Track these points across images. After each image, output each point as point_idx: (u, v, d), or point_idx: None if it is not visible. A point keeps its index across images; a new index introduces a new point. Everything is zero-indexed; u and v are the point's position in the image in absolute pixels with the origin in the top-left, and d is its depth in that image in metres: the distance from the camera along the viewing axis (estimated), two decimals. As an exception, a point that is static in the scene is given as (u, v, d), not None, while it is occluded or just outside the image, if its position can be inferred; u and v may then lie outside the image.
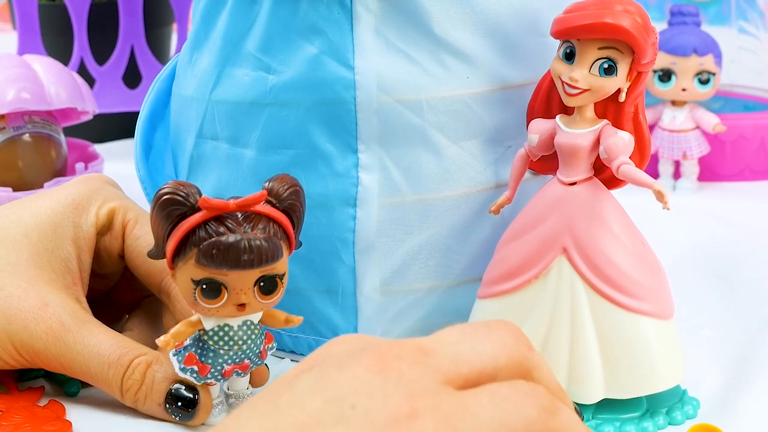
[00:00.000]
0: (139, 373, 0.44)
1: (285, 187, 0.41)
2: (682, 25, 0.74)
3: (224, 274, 0.40)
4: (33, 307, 0.45)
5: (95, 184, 0.49)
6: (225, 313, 0.41)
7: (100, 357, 0.44)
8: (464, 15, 0.47)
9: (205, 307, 0.41)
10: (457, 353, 0.30)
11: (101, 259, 0.49)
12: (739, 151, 0.76)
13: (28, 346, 0.44)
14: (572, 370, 0.43)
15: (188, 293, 0.41)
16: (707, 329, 0.53)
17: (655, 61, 0.44)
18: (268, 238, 0.40)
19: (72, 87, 0.67)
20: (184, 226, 0.40)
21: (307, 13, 0.47)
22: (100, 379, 0.44)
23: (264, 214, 0.41)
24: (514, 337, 0.32)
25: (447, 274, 0.49)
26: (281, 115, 0.47)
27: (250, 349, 0.43)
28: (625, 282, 0.43)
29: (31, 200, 0.48)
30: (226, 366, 0.43)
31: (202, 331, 0.42)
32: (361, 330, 0.49)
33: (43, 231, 0.46)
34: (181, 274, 0.41)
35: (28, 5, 0.82)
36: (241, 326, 0.42)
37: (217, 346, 0.42)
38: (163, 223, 0.40)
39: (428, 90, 0.47)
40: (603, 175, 0.45)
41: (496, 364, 0.31)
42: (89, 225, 0.47)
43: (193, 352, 0.43)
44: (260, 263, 0.40)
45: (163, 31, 0.89)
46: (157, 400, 0.44)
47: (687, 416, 0.44)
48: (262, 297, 0.41)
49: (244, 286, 0.41)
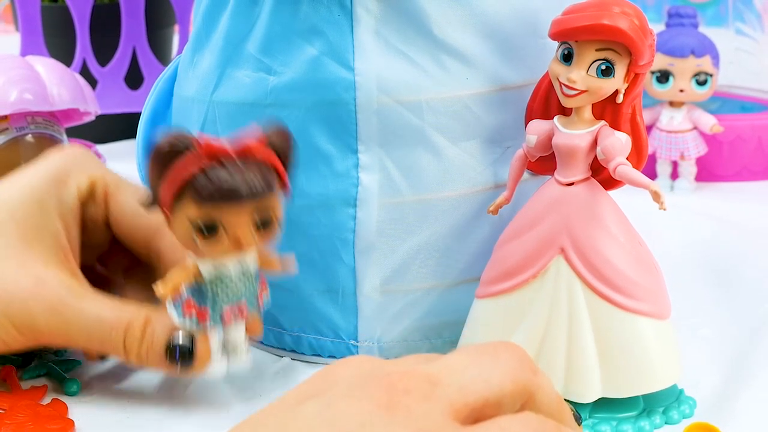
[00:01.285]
0: (139, 330, 0.44)
1: (278, 135, 0.42)
2: (680, 27, 0.74)
3: (220, 211, 0.41)
4: (29, 285, 0.44)
5: (71, 156, 0.48)
6: (223, 251, 0.42)
7: (101, 323, 0.44)
8: (463, 17, 0.47)
9: (203, 246, 0.41)
10: (465, 382, 0.30)
11: (88, 230, 0.48)
12: (736, 152, 0.76)
13: (29, 325, 0.44)
14: (569, 369, 0.43)
15: (186, 235, 0.41)
16: (704, 329, 0.53)
17: (652, 62, 0.44)
18: (262, 175, 0.41)
19: (74, 88, 0.68)
20: (183, 166, 0.40)
21: (307, 14, 0.47)
22: (105, 343, 0.45)
23: (260, 158, 0.41)
24: (519, 361, 0.32)
25: (446, 274, 0.49)
26: (282, 116, 0.47)
27: (248, 291, 0.43)
28: (622, 282, 0.43)
29: (10, 181, 0.47)
30: (224, 306, 0.43)
31: (200, 277, 0.43)
32: (361, 329, 0.49)
33: (27, 209, 0.46)
34: (178, 217, 0.41)
35: (30, 7, 0.82)
36: (237, 269, 0.43)
37: (214, 289, 0.42)
38: (158, 166, 0.41)
39: (428, 91, 0.47)
40: (600, 176, 0.45)
41: (502, 391, 0.31)
42: (72, 197, 0.47)
43: (192, 299, 0.43)
44: (255, 196, 0.41)
45: (164, 32, 0.89)
46: (158, 352, 0.44)
47: (684, 415, 0.44)
48: (258, 233, 0.42)
49: (241, 222, 0.41)
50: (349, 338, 0.50)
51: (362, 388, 0.30)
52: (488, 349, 0.32)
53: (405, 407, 0.29)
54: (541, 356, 0.44)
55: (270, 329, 0.52)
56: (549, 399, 0.32)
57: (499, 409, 0.31)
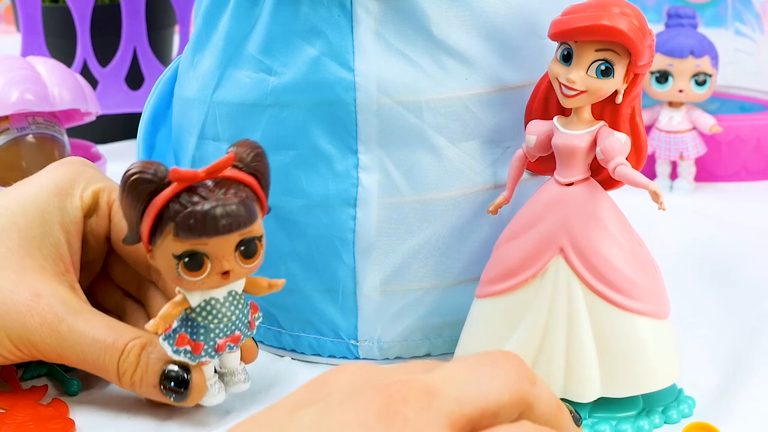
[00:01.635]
0: (134, 356, 0.44)
1: (248, 151, 0.41)
2: (679, 27, 0.74)
3: (204, 243, 0.40)
4: (26, 299, 0.44)
5: (75, 167, 0.48)
6: (210, 283, 0.41)
7: (95, 343, 0.44)
8: (463, 17, 0.47)
9: (189, 281, 0.41)
10: (463, 394, 0.30)
11: (88, 243, 0.48)
12: (735, 152, 0.76)
13: (24, 339, 0.44)
14: (569, 369, 0.43)
15: (171, 270, 0.41)
16: (703, 328, 0.53)
17: (652, 63, 0.44)
18: (241, 201, 0.40)
19: (75, 88, 0.68)
20: (157, 202, 0.40)
21: (307, 15, 0.47)
22: (98, 365, 0.44)
23: (233, 178, 0.41)
24: (517, 372, 0.32)
25: (446, 274, 0.49)
26: (282, 117, 0.48)
27: (239, 320, 0.43)
28: (621, 282, 0.43)
29: (14, 189, 0.47)
30: (218, 340, 0.42)
31: (189, 309, 0.42)
32: (361, 329, 0.49)
33: (30, 218, 0.46)
34: (160, 252, 0.40)
35: (31, 7, 0.82)
36: (227, 297, 0.42)
37: (206, 321, 0.42)
38: (135, 203, 0.40)
39: (427, 91, 0.47)
40: (600, 176, 0.45)
41: (500, 402, 0.31)
42: (75, 209, 0.47)
43: (184, 332, 0.42)
44: (238, 226, 0.40)
45: (165, 33, 0.89)
46: (152, 382, 0.43)
47: (683, 415, 0.44)
48: (244, 262, 0.41)
49: (225, 252, 0.40)
50: (349, 338, 0.50)
51: (360, 397, 0.30)
52: (487, 360, 0.32)
53: (402, 417, 0.29)
54: (541, 356, 0.44)
55: (270, 329, 0.52)
56: (547, 408, 0.32)
57: (496, 419, 0.31)
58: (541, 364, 0.44)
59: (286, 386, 0.48)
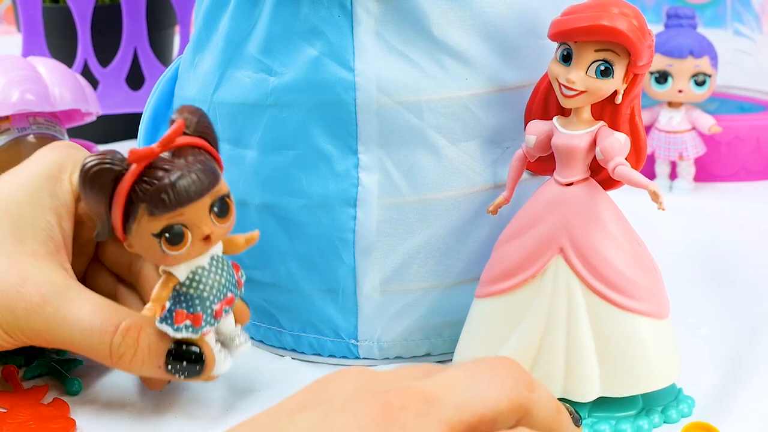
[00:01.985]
0: (132, 339, 0.43)
1: (191, 116, 0.41)
2: (679, 28, 0.74)
3: (180, 214, 0.40)
4: (14, 283, 0.44)
5: (64, 151, 0.48)
6: (194, 252, 0.41)
7: (82, 324, 0.43)
8: (463, 17, 0.47)
9: (174, 254, 0.40)
10: (461, 400, 0.30)
11: (84, 224, 0.48)
12: (734, 152, 0.76)
13: (14, 325, 0.44)
14: (569, 368, 0.44)
15: (153, 250, 0.40)
16: (703, 328, 0.53)
17: (651, 63, 0.44)
18: (203, 164, 0.40)
19: (76, 88, 0.68)
20: (123, 187, 0.40)
21: (307, 15, 0.47)
22: (85, 346, 0.44)
23: (187, 144, 0.41)
24: (516, 379, 0.32)
25: (446, 274, 0.49)
26: (282, 117, 0.48)
27: (228, 281, 0.43)
28: (621, 281, 0.43)
29: (4, 177, 0.47)
30: (214, 306, 0.42)
31: (178, 285, 0.42)
32: (361, 328, 0.50)
33: (21, 205, 0.46)
34: (138, 236, 0.40)
35: (32, 8, 0.82)
36: (211, 263, 0.42)
37: (198, 290, 0.42)
38: (100, 195, 0.40)
39: (427, 92, 0.47)
40: (599, 176, 0.46)
41: (498, 409, 0.31)
42: (65, 192, 0.47)
43: (180, 308, 0.42)
44: (208, 188, 0.40)
45: (165, 33, 0.89)
46: (156, 363, 0.43)
47: (682, 414, 0.44)
48: (220, 221, 0.41)
49: (201, 217, 0.40)
50: (350, 338, 0.50)
51: (359, 402, 0.30)
52: (485, 366, 0.32)
53: (401, 424, 0.29)
54: (540, 356, 0.44)
55: (270, 329, 0.52)
56: (545, 413, 0.32)
57: (494, 425, 0.31)
58: (540, 363, 0.44)
59: (287, 386, 0.48)
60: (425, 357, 0.51)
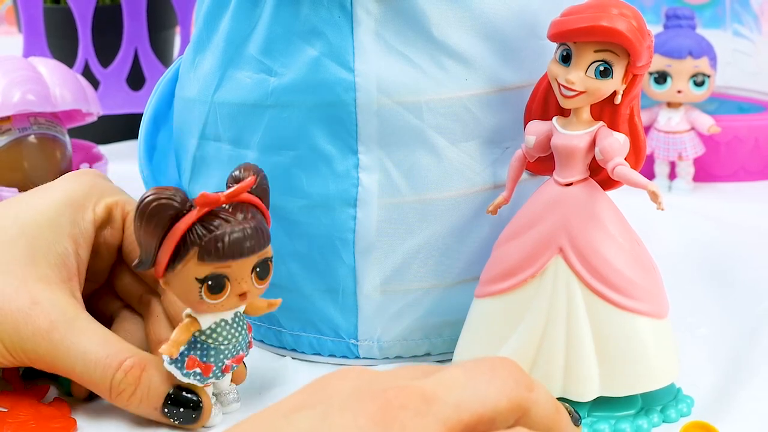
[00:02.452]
0: (133, 377, 0.43)
1: (256, 176, 0.42)
2: (678, 28, 0.74)
3: (228, 266, 0.41)
4: (23, 306, 0.44)
5: (89, 180, 0.48)
6: (228, 305, 0.42)
7: (86, 356, 0.44)
8: (463, 18, 0.47)
9: (210, 303, 0.41)
10: (460, 400, 0.31)
11: (100, 254, 0.48)
12: (733, 152, 0.76)
13: (18, 346, 0.44)
14: (568, 368, 0.44)
15: (191, 294, 0.41)
16: (702, 328, 0.53)
17: (650, 63, 0.44)
18: (258, 224, 0.41)
19: (77, 89, 0.68)
20: (181, 227, 0.40)
21: (308, 16, 0.47)
22: (85, 378, 0.44)
23: (247, 201, 0.42)
24: (515, 379, 0.32)
25: (446, 274, 0.49)
26: (282, 117, 0.48)
27: (243, 339, 0.43)
28: (620, 281, 0.43)
29: (26, 197, 0.48)
30: (226, 361, 0.43)
31: (198, 332, 0.42)
32: (361, 328, 0.50)
33: (39, 228, 0.46)
34: (180, 277, 0.41)
35: (33, 8, 0.82)
36: (234, 318, 0.43)
37: (216, 342, 0.42)
38: (155, 230, 0.40)
39: (427, 92, 0.47)
40: (599, 176, 0.46)
41: (496, 409, 0.31)
42: (87, 222, 0.47)
43: (194, 355, 0.43)
44: (259, 249, 0.41)
45: (166, 33, 0.89)
46: (154, 405, 0.43)
47: (681, 414, 0.45)
48: (258, 283, 0.42)
49: (244, 274, 0.41)
50: (350, 337, 0.50)
51: (358, 402, 0.30)
52: (484, 366, 0.32)
53: (400, 423, 0.29)
54: (540, 355, 0.44)
55: (270, 328, 0.52)
56: (544, 414, 0.32)
57: (493, 425, 0.31)
58: (540, 363, 0.44)
59: (286, 385, 0.48)
60: (425, 357, 0.51)
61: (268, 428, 0.30)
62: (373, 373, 0.32)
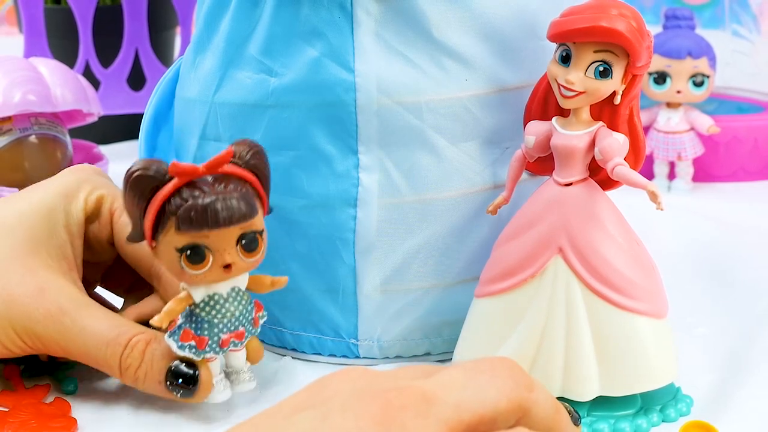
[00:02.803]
0: (138, 352, 0.44)
1: (247, 149, 0.42)
2: (677, 29, 0.74)
3: (205, 236, 0.41)
4: (32, 291, 0.45)
5: (84, 174, 0.49)
6: (212, 277, 0.42)
7: (97, 337, 0.44)
8: (463, 19, 0.47)
9: (192, 273, 0.41)
10: (461, 400, 0.31)
11: (92, 247, 0.49)
12: (732, 152, 0.77)
13: (29, 330, 0.45)
14: (568, 367, 0.44)
15: (174, 264, 0.41)
16: (701, 327, 0.53)
17: (649, 64, 0.44)
18: (241, 195, 0.41)
19: (77, 89, 0.68)
20: (159, 197, 0.40)
21: (308, 16, 0.47)
22: (99, 359, 0.45)
23: (233, 174, 0.41)
24: (515, 379, 0.32)
25: (446, 274, 0.49)
26: (283, 117, 0.48)
27: (243, 316, 0.43)
28: (619, 281, 0.43)
29: (25, 191, 0.48)
30: (222, 335, 0.43)
31: (193, 305, 0.43)
32: (361, 328, 0.50)
33: (37, 218, 0.47)
34: (163, 246, 0.41)
35: (34, 9, 0.82)
36: (230, 293, 0.43)
37: (209, 315, 0.42)
38: (137, 200, 0.41)
39: (427, 92, 0.47)
40: (598, 176, 0.46)
41: (497, 409, 0.31)
42: (78, 211, 0.48)
43: (188, 328, 0.43)
44: (239, 219, 0.41)
45: (166, 34, 0.90)
46: (157, 378, 0.44)
47: (680, 413, 0.45)
48: (245, 255, 0.42)
49: (226, 245, 0.41)
50: (350, 337, 0.50)
51: (358, 402, 0.30)
52: (485, 366, 0.32)
53: (400, 424, 0.29)
54: (540, 355, 0.44)
55: (271, 328, 0.52)
56: (544, 413, 0.33)
57: (494, 425, 0.31)
58: (540, 363, 0.44)
59: (287, 385, 0.48)
60: (425, 356, 0.51)
61: (270, 429, 0.30)
62: (374, 374, 0.32)
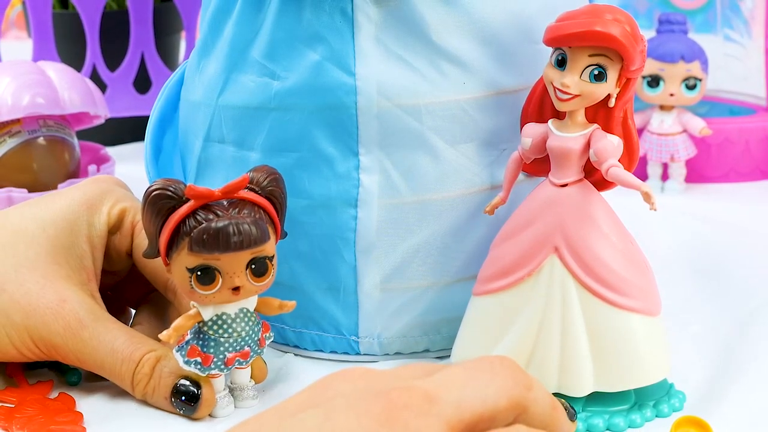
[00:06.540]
0: (149, 368, 0.45)
1: (265, 176, 0.43)
2: (670, 33, 0.74)
3: (216, 259, 0.41)
4: (51, 302, 0.45)
5: (107, 185, 0.49)
6: (221, 298, 0.42)
7: (114, 353, 0.45)
8: (461, 23, 0.48)
9: (201, 293, 0.42)
10: (462, 399, 0.31)
11: (111, 257, 0.49)
12: (724, 154, 0.77)
13: (47, 341, 0.45)
14: (563, 364, 0.44)
15: (185, 283, 0.42)
16: (694, 325, 0.53)
17: (643, 67, 0.44)
18: (254, 221, 0.42)
19: (85, 92, 0.68)
20: (174, 217, 0.41)
21: (310, 21, 0.47)
22: (114, 373, 0.45)
23: (248, 199, 0.42)
24: (515, 378, 0.32)
25: (444, 272, 0.50)
26: (285, 120, 0.48)
27: (249, 337, 0.44)
28: (614, 280, 0.44)
29: (46, 199, 0.48)
30: (228, 354, 0.44)
31: (202, 322, 0.43)
32: (361, 325, 0.50)
33: (59, 228, 0.47)
34: (176, 265, 0.42)
35: (42, 14, 0.82)
36: (238, 314, 0.44)
37: (217, 334, 0.43)
38: (154, 218, 0.42)
39: (426, 95, 0.48)
40: (593, 178, 0.46)
41: (497, 407, 0.31)
42: (101, 224, 0.48)
43: (195, 344, 0.43)
44: (249, 245, 0.41)
45: (172, 38, 0.90)
46: (163, 394, 0.45)
47: (673, 409, 0.45)
48: (255, 279, 0.42)
49: (236, 269, 0.42)
50: (350, 334, 0.50)
51: (361, 401, 0.30)
52: (484, 365, 0.32)
53: (403, 423, 0.30)
54: (536, 352, 0.44)
55: (273, 325, 0.52)
56: (542, 410, 0.33)
57: (493, 423, 0.32)
58: (536, 359, 0.44)
59: (289, 382, 0.48)
60: (424, 353, 0.51)
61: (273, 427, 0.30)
62: (376, 373, 0.33)
